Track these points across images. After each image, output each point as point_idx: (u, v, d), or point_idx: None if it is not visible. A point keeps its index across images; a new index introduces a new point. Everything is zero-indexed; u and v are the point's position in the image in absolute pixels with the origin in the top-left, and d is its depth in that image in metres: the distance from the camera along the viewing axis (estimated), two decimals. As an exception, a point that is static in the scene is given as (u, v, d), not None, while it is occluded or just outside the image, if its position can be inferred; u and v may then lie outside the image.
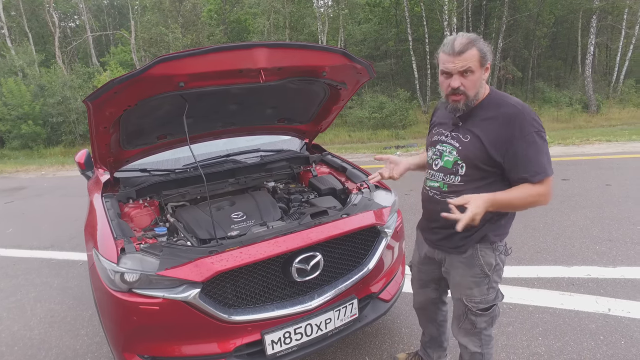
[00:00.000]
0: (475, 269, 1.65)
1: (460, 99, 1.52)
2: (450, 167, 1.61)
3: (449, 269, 1.75)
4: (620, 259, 3.30)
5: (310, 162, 2.97)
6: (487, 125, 1.52)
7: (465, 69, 1.46)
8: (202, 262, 1.72)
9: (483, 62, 1.48)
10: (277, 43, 1.85)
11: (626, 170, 6.14)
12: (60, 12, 34.18)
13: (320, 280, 1.99)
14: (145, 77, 1.67)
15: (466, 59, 1.44)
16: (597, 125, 18.32)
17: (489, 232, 1.62)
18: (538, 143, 1.46)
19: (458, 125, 1.61)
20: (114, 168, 2.47)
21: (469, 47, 1.44)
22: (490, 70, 1.56)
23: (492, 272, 1.65)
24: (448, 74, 1.50)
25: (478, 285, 1.66)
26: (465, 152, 1.56)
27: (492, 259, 1.64)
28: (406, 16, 22.92)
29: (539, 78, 25.08)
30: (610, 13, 22.56)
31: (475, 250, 1.63)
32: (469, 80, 1.48)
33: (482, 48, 1.46)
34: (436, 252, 1.79)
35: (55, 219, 6.05)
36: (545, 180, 1.47)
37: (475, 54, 1.45)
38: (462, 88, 1.49)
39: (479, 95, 1.54)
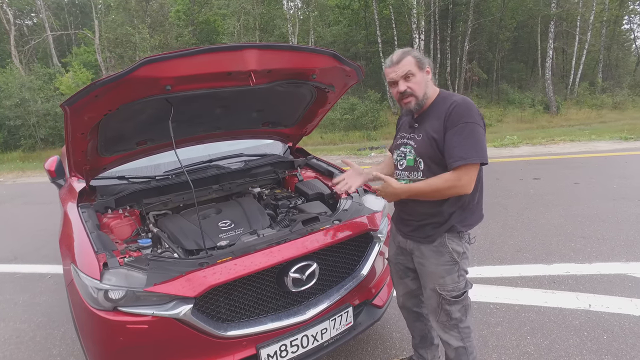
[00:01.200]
0: (445, 257, 1.74)
1: (410, 100, 1.68)
2: (413, 165, 1.74)
3: (421, 260, 1.81)
4: (595, 255, 3.42)
5: (296, 166, 2.90)
6: (434, 121, 1.67)
7: (406, 72, 1.65)
8: (194, 275, 1.63)
9: (421, 66, 1.66)
10: (267, 45, 1.78)
11: (591, 168, 6.43)
12: (15, 9, 32.39)
13: (315, 289, 1.93)
14: (130, 80, 1.56)
15: (404, 64, 1.65)
16: (558, 125, 19.21)
17: (456, 223, 1.71)
18: (465, 130, 1.57)
19: (414, 127, 1.76)
20: (90, 176, 2.32)
21: (404, 56, 1.66)
22: (431, 72, 1.71)
23: (460, 259, 1.75)
24: (394, 83, 1.69)
25: (449, 272, 1.75)
26: (419, 149, 1.70)
27: (460, 247, 1.74)
28: (375, 19, 23.20)
29: (503, 80, 26.00)
30: (565, 19, 23.76)
31: (444, 239, 1.73)
32: (413, 82, 1.66)
33: (416, 55, 1.67)
34: (408, 242, 1.86)
35: (18, 229, 5.68)
36: (463, 167, 1.56)
37: (411, 59, 1.65)
38: (409, 90, 1.66)
39: (428, 95, 1.70)
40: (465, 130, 1.57)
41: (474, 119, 1.59)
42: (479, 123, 1.60)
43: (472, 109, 1.61)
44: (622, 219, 4.20)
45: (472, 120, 1.58)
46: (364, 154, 10.20)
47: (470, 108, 1.61)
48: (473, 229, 1.76)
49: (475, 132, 1.58)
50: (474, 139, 1.57)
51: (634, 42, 33.39)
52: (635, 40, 33.24)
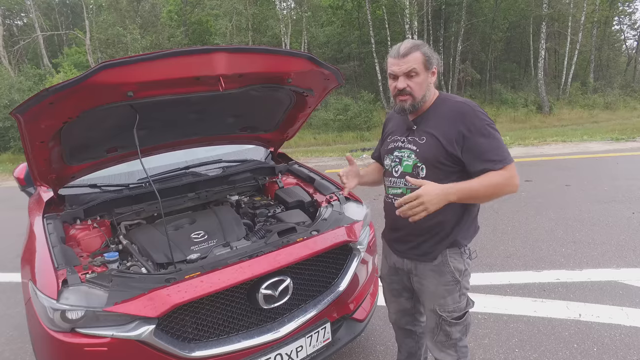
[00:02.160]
0: (446, 276, 1.61)
1: (406, 99, 1.55)
2: (411, 171, 1.59)
3: (421, 280, 1.68)
4: (586, 260, 3.35)
5: (276, 172, 2.80)
6: (440, 123, 1.54)
7: (410, 70, 1.50)
8: (156, 294, 1.53)
9: (428, 66, 1.52)
10: (237, 47, 1.68)
11: (582, 170, 6.39)
12: (3, 9, 31.98)
13: (290, 305, 1.83)
14: (87, 86, 1.46)
15: (409, 60, 1.49)
16: (551, 125, 19.28)
17: (458, 237, 1.60)
18: (493, 134, 1.48)
19: (412, 129, 1.62)
20: (57, 185, 2.21)
21: (412, 50, 1.49)
22: (436, 75, 1.57)
23: (462, 278, 1.63)
24: (395, 76, 1.54)
25: (450, 293, 1.63)
26: (423, 154, 1.56)
27: (461, 264, 1.62)
28: (368, 19, 23.16)
29: (496, 80, 26.11)
30: (556, 20, 23.87)
31: (445, 257, 1.61)
32: (415, 82, 1.52)
33: (426, 52, 1.51)
34: (405, 261, 1.72)
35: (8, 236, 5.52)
36: (508, 167, 1.45)
37: (419, 56, 1.50)
38: (408, 89, 1.52)
39: (427, 98, 1.57)
40: (493, 133, 1.48)
41: (492, 120, 1.52)
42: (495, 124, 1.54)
43: (484, 112, 1.54)
44: (613, 222, 4.14)
45: (492, 122, 1.51)
46: (355, 156, 10.09)
47: (483, 110, 1.54)
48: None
49: (499, 134, 1.52)
50: (501, 140, 1.50)
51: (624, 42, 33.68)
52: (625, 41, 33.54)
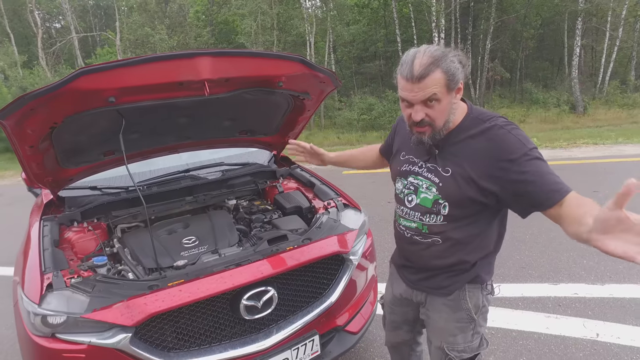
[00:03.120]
0: (460, 313, 1.42)
1: (425, 130, 1.25)
2: (430, 207, 1.33)
3: (430, 313, 1.50)
4: (609, 275, 3.14)
5: (277, 176, 2.75)
6: (471, 152, 1.24)
7: (429, 97, 1.17)
8: (134, 302, 1.51)
9: (451, 85, 1.19)
10: (222, 51, 1.63)
11: (613, 175, 6.02)
12: (44, 12, 33.53)
13: (276, 315, 1.78)
14: (65, 92, 1.45)
15: (428, 85, 1.15)
16: (584, 126, 18.40)
17: (481, 272, 1.39)
18: (539, 162, 1.17)
19: (434, 154, 1.32)
20: (55, 187, 2.24)
21: (431, 69, 1.14)
22: (462, 90, 1.25)
23: (479, 315, 1.43)
24: (409, 103, 1.23)
25: (463, 330, 1.43)
26: (448, 191, 1.27)
27: (480, 301, 1.42)
28: (395, 17, 22.82)
29: (526, 79, 25.16)
30: (594, 15, 22.72)
31: (463, 292, 1.40)
32: (435, 110, 1.20)
33: (448, 68, 1.16)
34: (415, 292, 1.53)
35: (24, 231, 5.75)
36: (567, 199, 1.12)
37: (440, 77, 1.16)
38: (427, 119, 1.22)
39: (450, 122, 1.27)
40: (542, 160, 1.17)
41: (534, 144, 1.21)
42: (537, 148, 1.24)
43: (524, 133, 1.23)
44: (643, 233, 3.86)
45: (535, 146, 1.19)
46: (375, 157, 9.96)
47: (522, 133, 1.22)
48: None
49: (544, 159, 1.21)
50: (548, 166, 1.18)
51: (670, 38, 31.72)
52: (671, 36, 31.57)
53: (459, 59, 1.20)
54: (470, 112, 1.31)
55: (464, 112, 1.31)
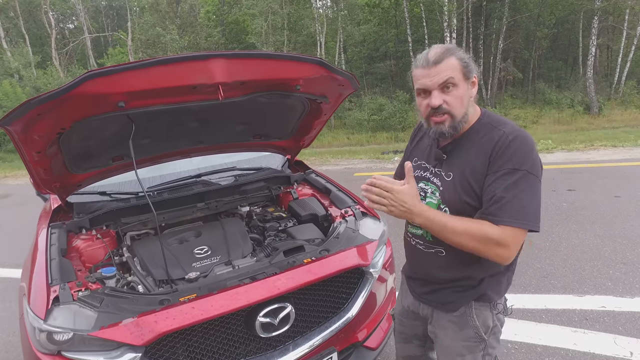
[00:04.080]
0: (468, 331, 1.34)
1: (444, 119, 1.22)
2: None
3: (436, 329, 1.43)
4: (638, 286, 2.98)
5: (292, 181, 2.66)
6: (474, 157, 1.23)
7: (446, 80, 1.18)
8: (144, 320, 1.42)
9: (467, 74, 1.20)
10: (237, 53, 1.54)
11: (635, 179, 5.82)
12: (57, 13, 33.96)
13: (293, 332, 1.68)
14: (73, 97, 1.37)
15: (445, 69, 1.17)
16: (600, 127, 18.03)
17: (488, 290, 1.31)
18: (527, 183, 1.14)
19: (442, 159, 1.31)
20: (64, 193, 2.17)
21: (446, 55, 1.18)
22: (477, 86, 1.26)
23: (489, 335, 1.34)
24: (426, 91, 1.22)
25: (471, 351, 1.35)
26: (447, 195, 1.26)
27: (490, 320, 1.33)
28: (406, 17, 22.63)
29: (539, 79, 24.75)
30: (611, 14, 22.24)
31: (470, 309, 1.33)
32: (453, 96, 1.20)
33: (463, 57, 1.20)
34: (422, 306, 1.47)
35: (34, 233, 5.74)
36: (509, 229, 1.12)
37: (456, 63, 1.18)
38: (445, 106, 1.20)
39: (468, 117, 1.25)
40: (526, 182, 1.14)
41: (537, 168, 1.18)
42: (535, 173, 1.17)
43: (533, 150, 1.18)
44: (671, 241, 3.70)
45: (528, 168, 1.15)
46: (387, 158, 9.83)
47: (532, 148, 1.18)
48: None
49: (537, 187, 1.17)
50: (535, 196, 1.15)
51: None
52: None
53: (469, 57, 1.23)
54: (482, 117, 1.29)
55: (477, 116, 1.29)
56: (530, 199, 1.14)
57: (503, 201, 1.13)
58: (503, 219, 1.12)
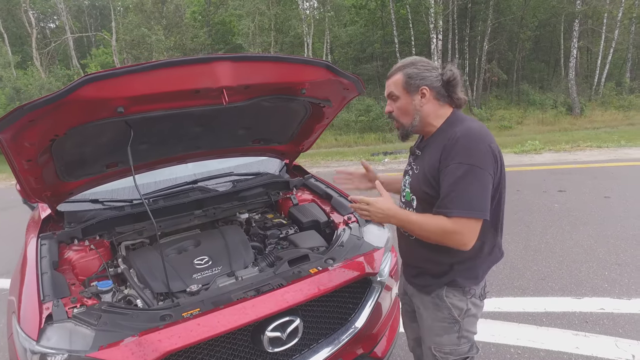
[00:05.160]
0: (442, 312, 1.47)
1: (397, 125, 1.48)
2: (409, 200, 1.50)
3: (421, 310, 1.56)
4: (635, 288, 3.01)
5: (291, 187, 2.59)
6: (433, 154, 1.38)
7: (389, 93, 1.44)
8: (146, 339, 1.34)
9: (409, 87, 1.39)
10: (243, 56, 1.48)
11: (623, 180, 5.93)
12: (38, 12, 33.11)
13: (300, 345, 1.62)
14: (69, 102, 1.29)
15: (390, 83, 1.43)
16: (582, 127, 18.41)
17: (457, 277, 1.43)
18: (464, 175, 1.25)
19: (417, 155, 1.51)
20: (54, 202, 2.07)
21: (395, 72, 1.42)
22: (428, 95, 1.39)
23: (463, 318, 1.45)
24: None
25: (447, 331, 1.47)
26: (412, 186, 1.47)
27: (463, 303, 1.44)
28: (392, 19, 22.75)
29: (523, 80, 25.17)
30: (590, 17, 22.77)
31: (442, 291, 1.46)
32: (396, 107, 1.44)
33: (409, 72, 1.38)
34: (408, 287, 1.63)
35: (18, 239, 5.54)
36: (460, 220, 1.26)
37: (399, 78, 1.40)
38: (393, 114, 1.46)
39: (417, 122, 1.42)
40: (472, 175, 1.25)
41: (484, 161, 1.26)
42: (481, 166, 1.25)
43: (480, 144, 1.28)
44: (662, 241, 3.75)
45: (473, 161, 1.25)
46: (377, 160, 9.82)
47: (480, 142, 1.28)
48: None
49: (484, 178, 1.26)
50: (472, 186, 1.26)
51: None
52: (666, 38, 31.72)
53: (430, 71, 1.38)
54: (449, 117, 1.41)
55: (445, 117, 1.42)
56: (476, 190, 1.26)
57: (452, 195, 1.27)
58: (452, 210, 1.26)
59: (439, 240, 1.32)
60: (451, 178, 1.27)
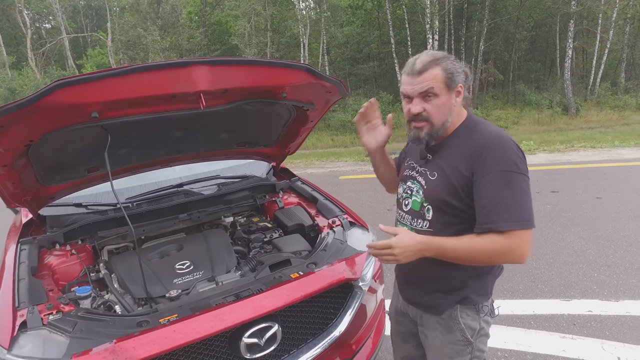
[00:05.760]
0: (455, 334, 1.36)
1: (422, 125, 1.28)
2: (418, 210, 1.36)
3: (426, 331, 1.44)
4: (623, 289, 3.01)
5: (277, 190, 2.58)
6: (456, 159, 1.28)
7: (426, 90, 1.23)
8: (120, 346, 1.33)
9: (450, 84, 1.24)
10: (220, 60, 1.46)
11: (615, 180, 5.94)
12: (33, 12, 32.98)
13: (279, 350, 1.61)
14: (41, 107, 1.27)
15: (427, 79, 1.23)
16: (577, 127, 18.46)
17: (471, 294, 1.34)
18: (512, 182, 1.18)
19: (427, 160, 1.37)
20: (35, 206, 2.04)
21: (430, 65, 1.23)
22: (463, 94, 1.29)
23: (476, 338, 1.36)
24: (409, 97, 1.28)
25: (459, 354, 1.37)
26: (430, 193, 1.32)
27: (476, 323, 1.35)
28: (388, 19, 22.76)
29: (519, 80, 25.21)
30: (585, 17, 22.86)
31: (455, 311, 1.35)
32: (433, 105, 1.25)
33: (448, 67, 1.23)
34: (410, 307, 1.50)
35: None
36: (516, 233, 1.15)
37: (439, 73, 1.23)
38: (424, 114, 1.26)
39: (449, 124, 1.30)
40: (513, 182, 1.17)
41: (518, 166, 1.19)
42: (522, 171, 1.19)
43: (514, 152, 1.21)
44: (652, 242, 3.76)
45: (516, 168, 1.18)
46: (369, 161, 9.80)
47: (512, 151, 1.21)
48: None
49: (523, 185, 1.19)
50: (522, 194, 1.18)
51: (660, 40, 32.01)
52: (661, 39, 31.86)
53: (462, 68, 1.27)
54: (466, 120, 1.33)
55: (462, 119, 1.33)
56: (523, 198, 1.18)
57: (500, 207, 1.16)
58: (503, 224, 1.15)
59: (491, 260, 1.22)
60: (495, 188, 1.17)
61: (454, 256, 1.22)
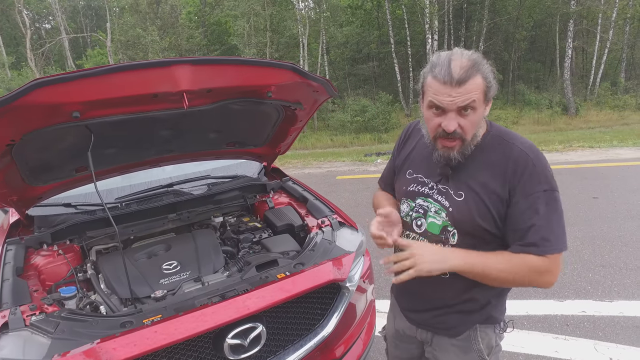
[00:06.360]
0: (472, 354, 1.29)
1: (454, 145, 1.10)
2: (438, 233, 1.20)
3: (437, 353, 1.35)
4: (617, 290, 2.99)
5: (268, 190, 2.57)
6: (487, 176, 1.13)
7: (467, 104, 1.04)
8: (101, 347, 1.31)
9: (488, 94, 1.07)
10: (202, 59, 1.45)
11: (611, 180, 5.92)
12: (33, 13, 33.02)
13: (265, 351, 1.60)
14: (18, 107, 1.26)
15: (469, 90, 1.02)
16: (577, 127, 18.47)
17: (493, 312, 1.27)
18: (553, 204, 1.08)
19: (448, 175, 1.19)
20: (22, 206, 2.03)
21: (472, 73, 1.02)
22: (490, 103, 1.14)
23: (491, 356, 1.30)
24: (440, 109, 1.07)
25: None
26: (458, 217, 1.16)
27: (493, 340, 1.29)
28: (388, 19, 22.79)
29: (519, 80, 25.22)
30: (585, 17, 22.84)
31: (475, 332, 1.27)
32: (469, 121, 1.07)
33: (487, 74, 1.06)
34: (419, 331, 1.39)
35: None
36: (553, 257, 1.07)
37: (481, 83, 1.04)
38: (458, 131, 1.07)
39: (478, 138, 1.15)
40: (555, 202, 1.08)
41: (554, 182, 1.10)
42: (558, 189, 1.10)
43: (549, 166, 1.12)
44: (648, 243, 3.74)
45: (555, 185, 1.10)
46: (369, 161, 9.79)
47: (547, 165, 1.11)
48: None
49: (560, 205, 1.11)
50: (561, 214, 1.10)
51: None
52: (661, 38, 31.82)
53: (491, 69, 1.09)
54: (490, 130, 1.19)
55: (484, 130, 1.18)
56: (561, 219, 1.10)
57: (543, 230, 1.07)
58: (548, 249, 1.07)
59: (521, 282, 1.11)
60: (537, 209, 1.07)
61: (480, 270, 1.10)
